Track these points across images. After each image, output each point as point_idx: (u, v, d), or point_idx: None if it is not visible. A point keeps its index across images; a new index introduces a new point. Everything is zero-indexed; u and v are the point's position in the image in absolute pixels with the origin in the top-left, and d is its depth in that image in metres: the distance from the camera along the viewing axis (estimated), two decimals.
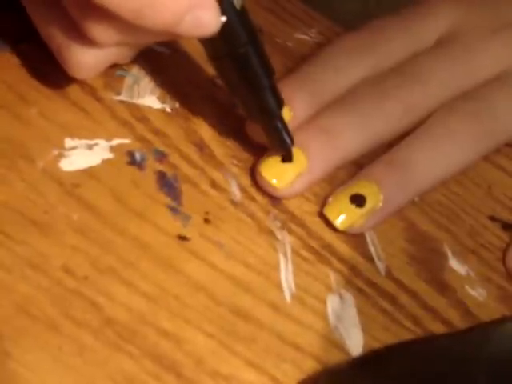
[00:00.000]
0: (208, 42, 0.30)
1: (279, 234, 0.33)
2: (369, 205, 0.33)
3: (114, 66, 0.34)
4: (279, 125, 0.32)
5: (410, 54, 0.37)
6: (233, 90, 0.32)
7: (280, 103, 0.32)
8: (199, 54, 0.37)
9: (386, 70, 0.36)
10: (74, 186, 0.31)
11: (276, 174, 0.33)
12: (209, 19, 0.27)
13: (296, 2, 0.41)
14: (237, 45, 0.30)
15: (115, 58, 0.30)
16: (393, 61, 0.36)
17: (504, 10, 0.38)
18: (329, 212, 0.33)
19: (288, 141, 0.32)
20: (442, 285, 0.34)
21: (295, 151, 0.33)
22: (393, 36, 0.37)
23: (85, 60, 0.29)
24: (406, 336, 0.32)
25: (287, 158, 0.33)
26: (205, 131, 0.34)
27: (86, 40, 0.28)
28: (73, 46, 0.29)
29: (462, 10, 0.38)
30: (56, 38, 0.29)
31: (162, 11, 0.26)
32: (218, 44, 0.30)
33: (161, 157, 0.33)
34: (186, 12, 0.26)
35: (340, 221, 0.33)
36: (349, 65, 0.36)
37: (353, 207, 0.33)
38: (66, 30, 0.28)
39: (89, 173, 0.31)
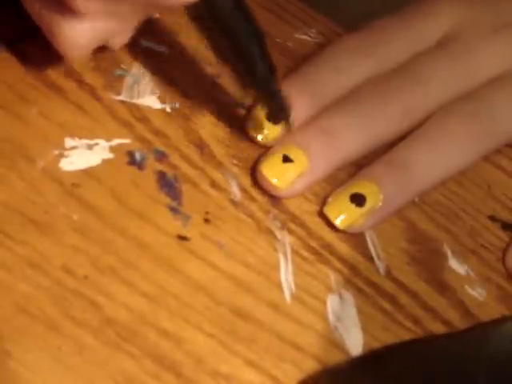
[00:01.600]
0: (193, 6, 0.29)
1: (279, 234, 0.33)
2: (369, 204, 0.33)
3: (114, 66, 0.34)
4: (273, 91, 0.32)
5: (412, 54, 0.37)
6: (221, 56, 0.31)
7: (272, 69, 0.31)
8: (199, 54, 0.37)
9: (388, 70, 0.36)
10: (74, 185, 0.31)
11: (277, 173, 0.33)
12: None
13: (296, 2, 0.41)
14: (223, 8, 0.29)
15: (103, 35, 0.29)
16: (394, 61, 0.36)
17: (505, 8, 0.38)
18: (329, 211, 0.33)
19: (284, 104, 0.32)
20: (441, 285, 0.34)
21: (297, 151, 0.33)
22: (394, 36, 0.37)
23: (73, 35, 0.28)
24: (406, 336, 0.32)
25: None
26: (205, 131, 0.34)
27: (73, 14, 0.28)
28: (61, 22, 0.28)
29: (463, 9, 0.38)
30: (45, 16, 0.29)
31: None
32: (204, 8, 0.29)
33: (161, 157, 0.33)
34: None
35: (340, 220, 0.33)
36: (350, 65, 0.36)
37: (353, 206, 0.33)
38: (53, 7, 0.28)
39: (89, 173, 0.31)
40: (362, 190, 0.33)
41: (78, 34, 0.29)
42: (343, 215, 0.33)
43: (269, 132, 0.34)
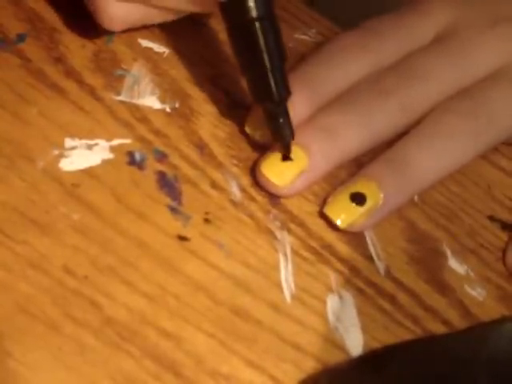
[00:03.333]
0: (225, 8, 0.30)
1: (279, 234, 0.33)
2: (369, 203, 0.33)
3: (114, 66, 0.34)
4: (281, 114, 0.32)
5: (408, 52, 0.37)
6: (242, 65, 0.31)
7: (286, 91, 0.31)
8: (199, 54, 0.37)
9: (384, 67, 0.36)
10: (74, 185, 0.31)
11: (277, 172, 0.33)
12: None
13: (296, 2, 0.41)
14: (248, 17, 0.30)
15: (144, 17, 0.33)
16: (391, 59, 0.36)
17: (500, 3, 0.38)
18: (329, 211, 0.33)
19: (287, 134, 0.32)
20: (441, 285, 0.34)
21: (296, 149, 0.33)
22: (390, 34, 0.37)
23: (117, 13, 0.32)
24: (406, 336, 0.32)
25: (286, 152, 0.33)
26: (205, 131, 0.34)
27: None
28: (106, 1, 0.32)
29: (458, 5, 0.38)
30: None
31: None
32: (231, 12, 0.30)
33: (161, 157, 0.33)
34: None
35: (341, 219, 0.33)
36: (347, 63, 0.36)
37: (353, 205, 0.33)
38: None
39: (89, 173, 0.31)
40: (362, 189, 0.33)
41: (121, 13, 0.32)
42: (344, 214, 0.33)
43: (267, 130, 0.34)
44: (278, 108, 0.32)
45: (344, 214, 0.33)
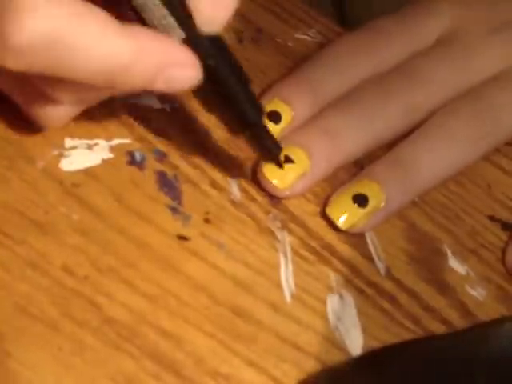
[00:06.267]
0: None
1: (279, 234, 0.33)
2: (371, 204, 0.33)
3: None
4: (263, 134, 0.31)
5: (411, 54, 0.37)
6: (209, 106, 0.30)
7: (260, 111, 0.30)
8: None
9: (387, 70, 0.36)
10: (74, 185, 0.31)
11: (278, 174, 0.33)
12: (181, 76, 0.27)
13: (296, 2, 0.41)
14: (205, 57, 0.28)
15: (76, 113, 0.30)
16: (393, 61, 0.36)
17: (504, 8, 0.38)
18: (331, 211, 0.33)
19: (275, 149, 0.32)
20: (441, 285, 0.34)
21: (297, 151, 0.33)
22: (394, 36, 0.37)
23: (50, 116, 0.30)
24: (406, 336, 0.32)
25: (278, 165, 0.32)
26: (205, 131, 0.34)
27: (53, 102, 0.29)
28: (41, 107, 0.29)
29: (462, 9, 0.38)
30: (25, 100, 0.30)
31: (132, 79, 0.26)
32: None
33: (161, 157, 0.33)
34: (156, 75, 0.26)
35: (342, 220, 0.33)
36: (349, 65, 0.36)
37: (355, 207, 0.33)
38: (33, 95, 0.29)
39: (89, 173, 0.31)
40: (365, 190, 0.33)
41: (54, 115, 0.29)
42: (345, 216, 0.33)
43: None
44: (256, 129, 0.31)
45: (346, 215, 0.33)
